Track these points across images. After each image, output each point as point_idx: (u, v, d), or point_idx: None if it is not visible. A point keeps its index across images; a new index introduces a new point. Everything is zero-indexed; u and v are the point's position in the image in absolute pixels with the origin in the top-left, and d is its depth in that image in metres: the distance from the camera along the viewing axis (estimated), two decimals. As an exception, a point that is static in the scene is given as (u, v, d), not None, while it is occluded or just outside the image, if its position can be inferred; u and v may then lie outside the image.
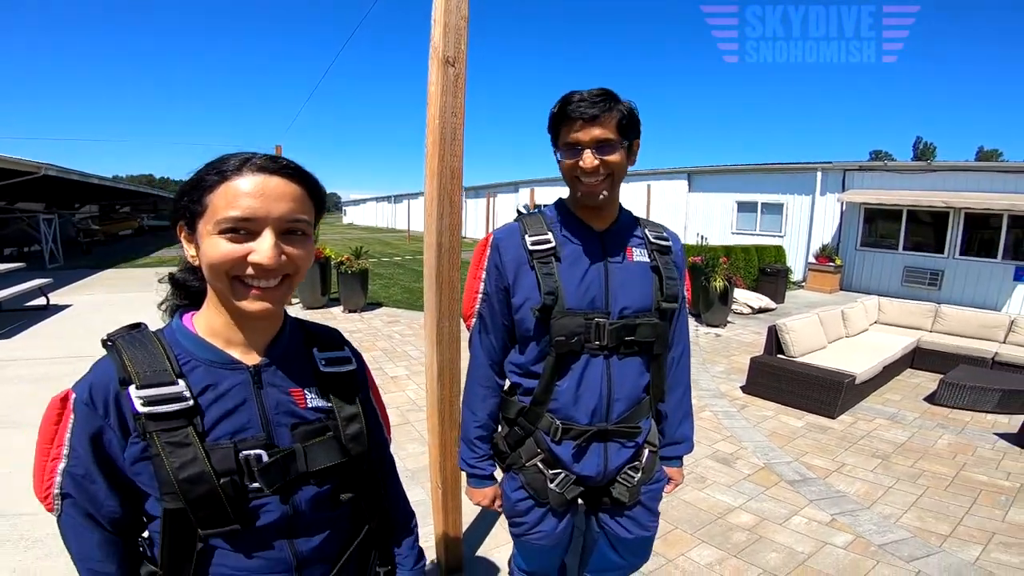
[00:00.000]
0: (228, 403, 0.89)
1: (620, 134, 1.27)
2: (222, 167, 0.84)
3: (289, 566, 0.94)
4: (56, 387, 1.16)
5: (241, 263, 0.82)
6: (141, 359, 0.86)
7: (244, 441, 0.88)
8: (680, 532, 2.93)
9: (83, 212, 24.48)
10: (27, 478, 3.16)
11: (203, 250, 0.84)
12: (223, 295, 0.87)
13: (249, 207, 0.81)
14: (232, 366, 0.91)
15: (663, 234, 1.48)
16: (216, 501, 0.84)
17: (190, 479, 0.82)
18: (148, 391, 0.83)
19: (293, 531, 0.94)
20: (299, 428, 0.93)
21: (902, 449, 4.15)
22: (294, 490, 0.92)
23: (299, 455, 0.91)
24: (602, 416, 1.40)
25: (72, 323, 7.68)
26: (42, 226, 14.79)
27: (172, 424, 0.83)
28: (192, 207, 0.85)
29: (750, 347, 7.11)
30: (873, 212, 13.15)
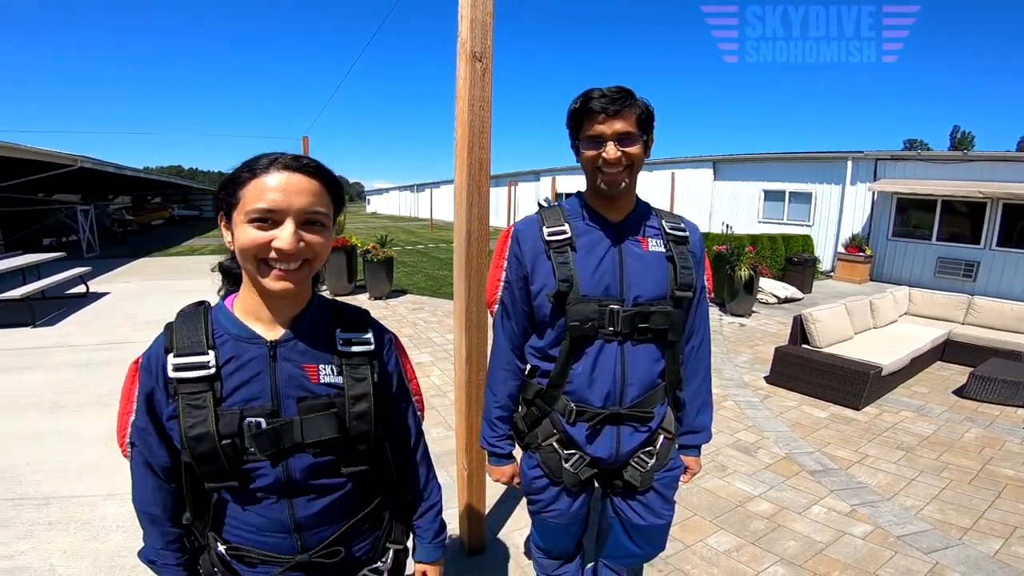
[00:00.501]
0: (245, 374, 1.00)
1: (639, 128, 1.34)
2: (254, 165, 0.96)
3: (287, 527, 1.05)
4: (99, 372, 1.22)
5: (266, 247, 0.94)
6: (185, 332, 1.00)
7: (251, 409, 0.99)
8: (699, 519, 2.97)
9: (117, 203, 25.13)
10: (78, 461, 3.38)
11: (236, 236, 0.96)
12: (251, 275, 0.98)
13: (273, 200, 0.93)
14: (254, 340, 1.02)
15: (680, 224, 1.52)
16: (216, 459, 0.96)
17: (196, 437, 0.95)
18: (180, 359, 0.97)
19: (290, 495, 1.04)
20: (305, 401, 1.02)
21: (927, 442, 4.11)
22: (286, 458, 1.01)
23: (296, 426, 1.00)
24: (615, 400, 1.45)
25: (111, 310, 7.98)
26: (79, 217, 15.28)
27: (195, 388, 0.97)
28: (228, 199, 0.97)
29: (775, 337, 7.05)
30: (906, 202, 12.81)
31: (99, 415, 4.21)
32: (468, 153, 2.13)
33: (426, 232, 25.61)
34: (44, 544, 2.66)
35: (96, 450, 3.63)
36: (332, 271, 9.04)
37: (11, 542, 2.67)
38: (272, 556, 1.06)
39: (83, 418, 4.16)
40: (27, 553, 2.59)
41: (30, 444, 3.72)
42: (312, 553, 1.07)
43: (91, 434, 3.87)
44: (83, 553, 2.60)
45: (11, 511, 2.93)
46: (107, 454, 3.56)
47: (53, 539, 2.70)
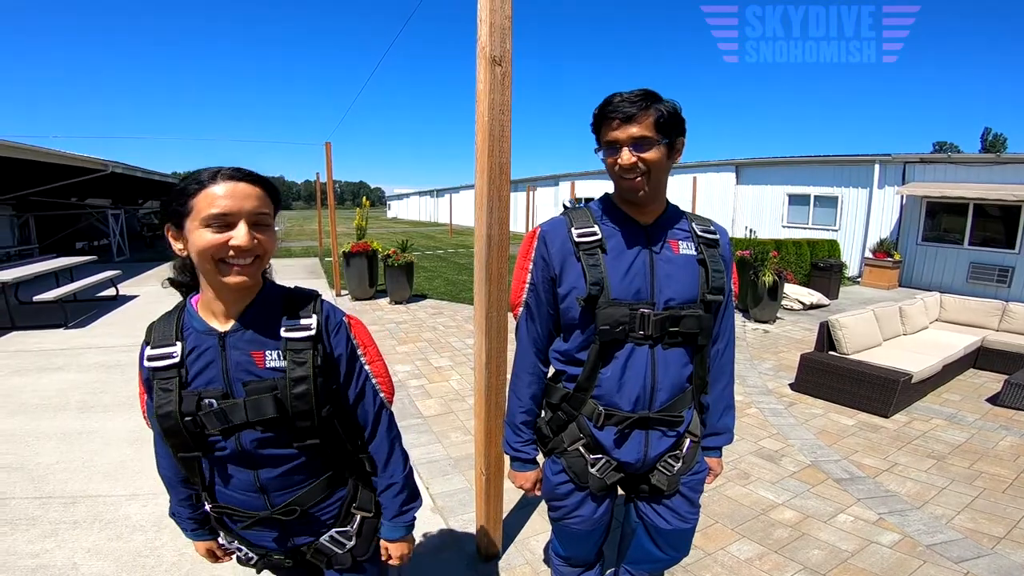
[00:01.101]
0: (202, 362, 1.16)
1: (658, 132, 1.30)
2: (199, 178, 1.09)
3: (255, 488, 1.24)
4: (128, 373, 1.23)
5: (223, 247, 1.07)
6: (161, 328, 1.20)
7: (208, 391, 1.15)
8: (720, 526, 2.91)
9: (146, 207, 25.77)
10: (104, 461, 3.44)
11: (192, 241, 1.09)
12: (209, 275, 1.12)
13: (226, 205, 1.07)
14: (209, 332, 1.18)
15: (711, 228, 1.50)
16: (179, 433, 1.14)
17: (162, 415, 1.13)
18: (154, 350, 1.17)
19: (249, 463, 1.22)
20: (250, 384, 1.16)
21: (959, 450, 3.98)
22: (236, 433, 1.17)
23: (240, 407, 1.15)
24: (645, 404, 1.43)
25: (140, 312, 8.16)
26: (110, 221, 15.72)
27: (165, 375, 1.15)
28: (180, 210, 1.09)
29: (800, 344, 6.91)
30: (936, 206, 12.49)
31: (126, 416, 4.29)
32: (488, 157, 2.13)
33: (445, 237, 25.76)
34: (69, 543, 2.71)
35: (121, 450, 3.70)
36: (354, 276, 9.13)
37: (36, 540, 2.72)
38: (245, 513, 1.25)
39: (110, 419, 4.25)
40: (52, 552, 2.63)
41: (59, 443, 3.81)
42: (273, 510, 1.24)
43: (118, 435, 3.94)
44: (106, 552, 2.64)
45: (38, 510, 2.99)
46: (132, 455, 3.63)
47: (77, 538, 2.75)
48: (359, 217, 10.06)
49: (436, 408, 4.58)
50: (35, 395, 4.73)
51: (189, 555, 2.58)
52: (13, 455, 3.62)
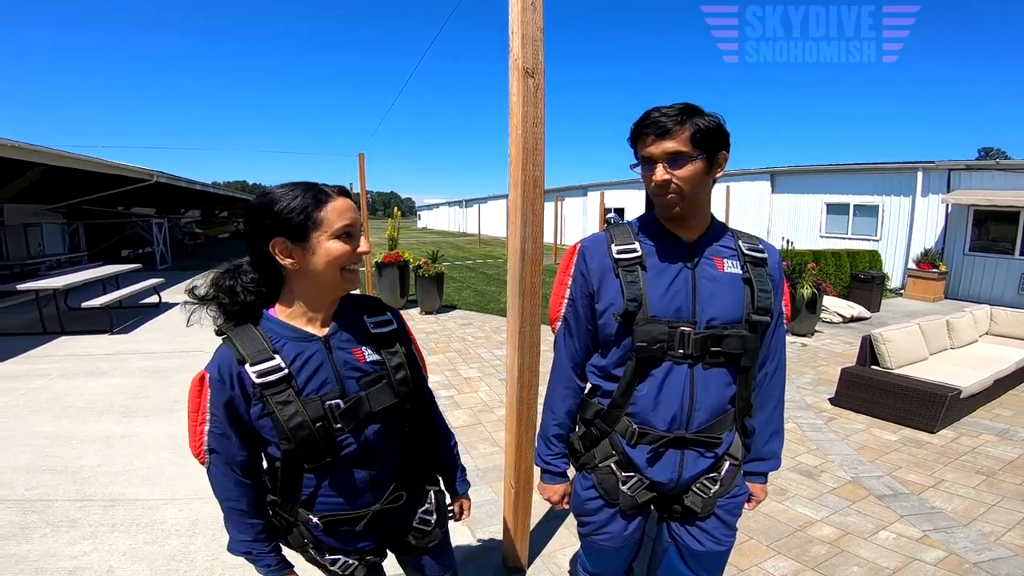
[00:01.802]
0: (312, 367, 1.20)
1: (695, 147, 1.27)
2: (319, 194, 1.17)
3: (366, 486, 1.29)
4: (168, 379, 1.22)
5: (352, 256, 1.20)
6: (247, 343, 1.18)
7: (326, 394, 1.20)
8: (755, 543, 2.83)
9: (188, 217, 26.60)
10: (143, 465, 3.53)
11: (322, 252, 1.17)
12: (332, 283, 1.21)
13: (352, 218, 1.20)
14: (309, 338, 1.22)
15: (758, 246, 1.46)
16: (314, 441, 1.17)
17: (296, 427, 1.15)
18: (258, 367, 1.15)
19: (366, 459, 1.27)
20: (362, 379, 1.25)
21: (1011, 466, 3.78)
22: (364, 427, 1.25)
23: (364, 400, 1.23)
24: (681, 424, 1.40)
25: (180, 320, 8.34)
26: (154, 229, 16.30)
27: (278, 388, 1.16)
28: (305, 224, 1.15)
29: (840, 358, 6.70)
30: (984, 214, 11.99)
31: (165, 420, 4.42)
32: (522, 171, 2.12)
33: (474, 247, 25.89)
34: (106, 545, 2.77)
35: (160, 455, 3.79)
36: (386, 286, 9.24)
37: (76, 542, 2.79)
38: (353, 514, 1.28)
39: (151, 423, 4.37)
40: (89, 554, 2.70)
41: (102, 447, 3.93)
42: (382, 501, 1.30)
43: (156, 439, 4.05)
44: (142, 556, 2.70)
45: (79, 512, 3.08)
46: (169, 459, 3.72)
47: (115, 541, 2.81)
48: (391, 228, 10.19)
49: (465, 419, 4.58)
50: (81, 398, 4.91)
51: (222, 560, 2.62)
52: (58, 457, 3.75)
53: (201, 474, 3.68)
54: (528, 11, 2.09)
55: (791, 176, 16.32)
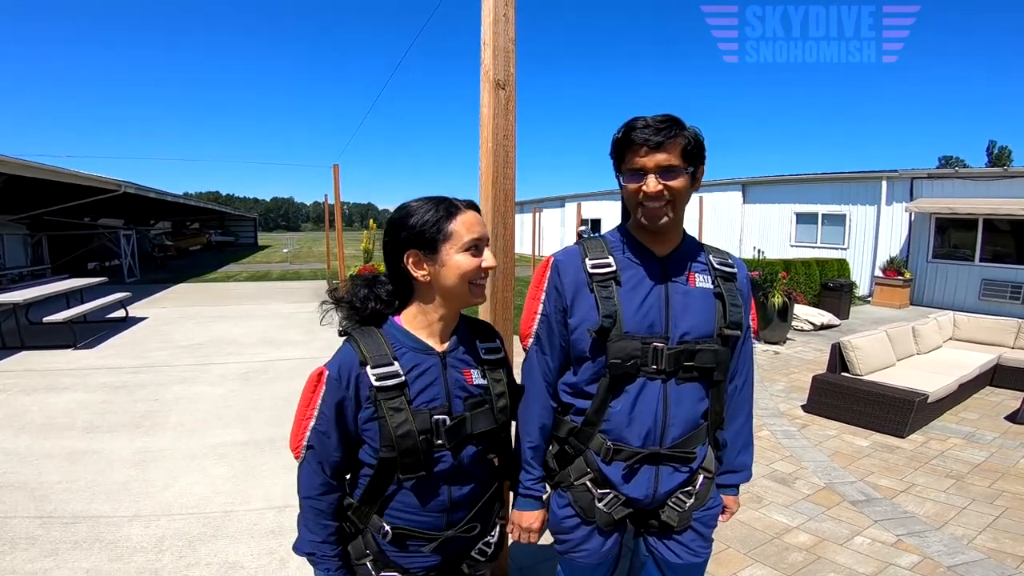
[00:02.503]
0: (426, 379, 1.23)
1: (685, 160, 1.28)
2: (450, 207, 1.21)
3: (444, 507, 1.28)
4: (135, 394, 1.17)
5: (479, 269, 1.23)
6: (371, 346, 1.21)
7: (435, 408, 1.22)
8: (733, 552, 2.83)
9: (157, 228, 26.02)
10: (107, 481, 3.42)
11: (452, 264, 1.20)
12: (461, 296, 1.25)
13: (481, 232, 1.23)
14: (429, 352, 1.26)
15: (728, 260, 1.47)
16: (416, 452, 1.17)
17: (402, 435, 1.16)
18: (379, 370, 1.18)
19: (455, 480, 1.28)
20: (469, 400, 1.27)
21: (979, 469, 3.88)
22: (462, 447, 1.25)
23: (468, 420, 1.25)
24: (656, 440, 1.38)
25: (149, 334, 8.20)
26: (122, 241, 15.88)
27: (392, 394, 1.18)
28: (436, 236, 1.19)
29: (811, 365, 6.82)
30: (945, 222, 12.41)
31: (131, 436, 4.29)
32: (493, 184, 2.09)
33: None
34: (69, 563, 2.68)
35: (125, 471, 3.68)
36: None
37: (36, 559, 2.69)
38: (424, 533, 1.27)
39: (115, 440, 4.24)
40: (51, 571, 2.61)
41: (63, 463, 3.79)
42: (456, 529, 1.30)
43: (121, 456, 3.93)
44: (106, 573, 2.61)
45: (39, 529, 2.96)
46: (135, 476, 3.61)
47: (78, 558, 2.72)
48: (366, 240, 10.12)
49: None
50: (41, 414, 4.73)
51: (190, 577, 2.55)
52: (16, 474, 3.61)
53: (169, 490, 3.58)
54: (500, 23, 2.09)
55: (762, 186, 16.67)
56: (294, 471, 1.30)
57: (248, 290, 13.97)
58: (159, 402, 5.14)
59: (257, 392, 5.49)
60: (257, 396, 5.36)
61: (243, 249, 35.81)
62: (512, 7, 2.13)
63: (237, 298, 12.33)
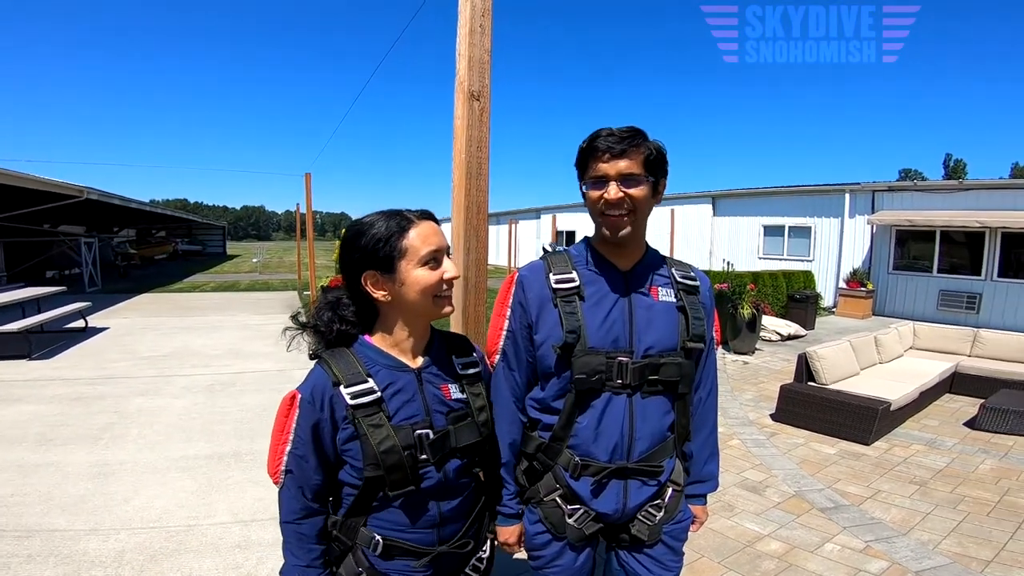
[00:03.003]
0: (404, 396, 1.21)
1: (646, 170, 1.29)
2: (402, 221, 1.18)
3: (434, 522, 1.27)
4: (92, 407, 1.12)
5: (441, 282, 1.20)
6: (342, 366, 1.19)
7: (416, 423, 1.21)
8: (707, 561, 2.85)
9: (121, 236, 25.30)
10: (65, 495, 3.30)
11: (412, 281, 1.18)
12: (426, 311, 1.22)
13: (439, 242, 1.20)
14: (403, 368, 1.24)
15: (691, 273, 1.47)
16: (402, 468, 1.16)
17: (387, 451, 1.14)
18: (352, 388, 1.16)
19: (442, 495, 1.26)
20: (451, 414, 1.26)
21: (941, 475, 3.99)
22: (446, 461, 1.24)
23: (451, 434, 1.24)
24: (623, 454, 1.38)
25: (109, 345, 7.94)
26: (83, 249, 15.37)
27: (370, 411, 1.16)
28: (391, 254, 1.17)
29: (779, 374, 6.95)
30: (905, 234, 12.85)
31: (88, 449, 4.14)
32: (465, 196, 2.08)
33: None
34: (21, 577, 2.57)
35: (82, 484, 3.56)
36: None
37: (-14, 576, 2.58)
38: (414, 548, 1.25)
39: (71, 452, 4.10)
40: (3, 588, 2.50)
41: (14, 476, 3.65)
42: (449, 544, 1.30)
43: (78, 469, 3.79)
44: (60, 592, 2.50)
45: (-11, 545, 2.83)
46: (93, 489, 3.49)
47: (31, 571, 2.63)
48: (337, 250, 9.98)
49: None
50: (-8, 429, 4.52)
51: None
52: (-38, 488, 3.45)
53: (129, 504, 3.46)
54: (476, 34, 2.09)
55: (731, 199, 17.02)
56: (261, 485, 1.27)
57: (215, 301, 13.64)
58: (119, 414, 4.97)
59: (223, 404, 5.35)
60: (223, 408, 5.22)
61: (211, 258, 35.09)
62: (488, 19, 2.13)
63: (203, 309, 12.03)
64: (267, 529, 3.05)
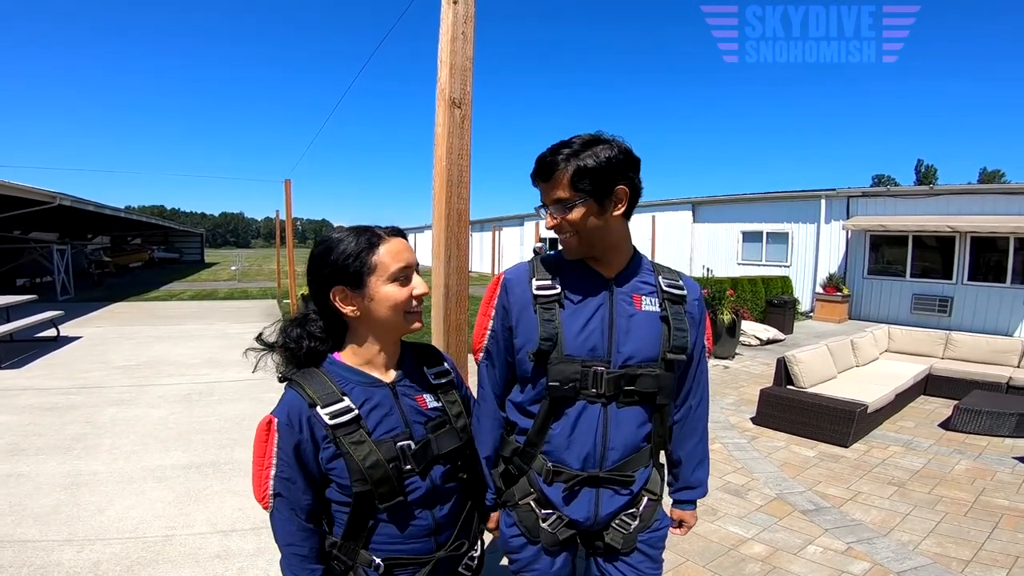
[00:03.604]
0: (381, 411, 1.22)
1: (576, 190, 1.26)
2: (372, 237, 1.19)
3: (430, 530, 1.28)
4: (64, 416, 1.08)
5: (410, 298, 1.21)
6: (316, 386, 1.19)
7: (397, 436, 1.22)
8: (691, 565, 2.86)
9: (95, 243, 24.76)
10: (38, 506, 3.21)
11: (381, 297, 1.18)
12: (396, 327, 1.24)
13: (407, 259, 1.20)
14: (377, 384, 1.25)
15: (678, 282, 1.45)
16: (389, 480, 1.17)
17: (372, 466, 1.15)
18: (330, 408, 1.16)
19: (432, 502, 1.28)
20: (429, 423, 1.27)
21: (918, 476, 4.07)
22: (430, 469, 1.26)
23: (432, 442, 1.25)
24: (595, 463, 1.38)
25: (81, 354, 7.75)
26: (55, 257, 15.00)
27: (350, 430, 1.17)
28: (360, 270, 1.17)
29: (759, 378, 7.03)
30: (879, 239, 13.13)
31: (60, 459, 4.05)
32: (446, 204, 2.07)
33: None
34: (-9, 592, 2.50)
35: (55, 495, 3.47)
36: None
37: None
38: (414, 559, 1.27)
39: (44, 463, 4.00)
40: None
41: (-16, 489, 3.53)
42: (446, 549, 1.31)
43: (51, 479, 3.70)
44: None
45: (-42, 559, 2.73)
46: (66, 499, 3.40)
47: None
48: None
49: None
50: (-42, 441, 4.37)
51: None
52: (-71, 502, 3.33)
53: (103, 514, 3.38)
54: (458, 41, 2.09)
55: (711, 206, 17.23)
56: (241, 495, 1.26)
57: (193, 309, 13.41)
58: (92, 424, 4.85)
59: (201, 414, 5.24)
60: (201, 418, 5.11)
61: (188, 266, 34.48)
62: (471, 26, 2.13)
63: (180, 317, 11.79)
64: (247, 539, 2.99)
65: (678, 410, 1.53)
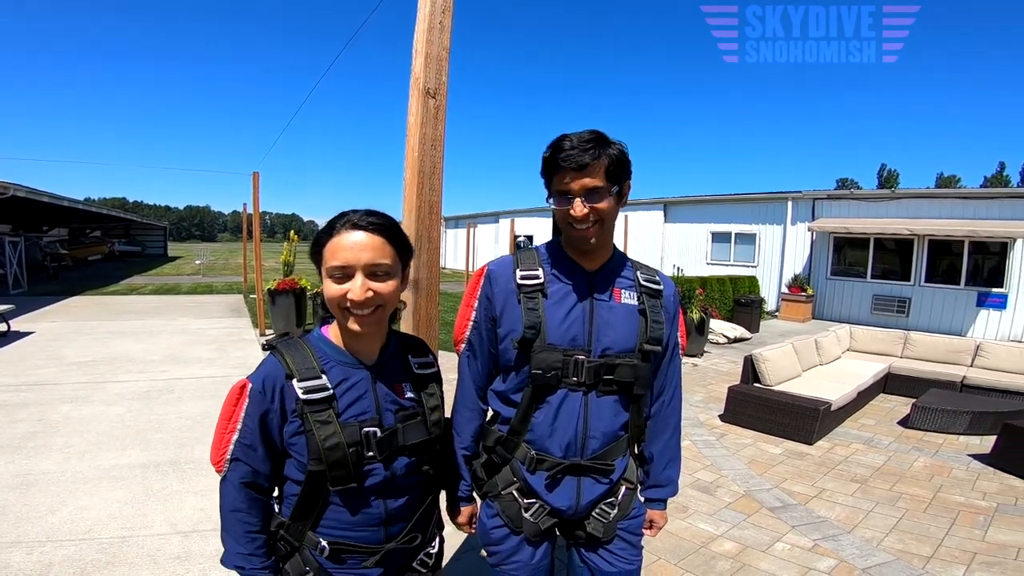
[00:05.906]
0: (355, 393, 1.22)
1: (609, 180, 1.29)
2: (331, 226, 1.18)
3: (380, 520, 1.26)
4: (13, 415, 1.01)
5: (344, 298, 1.15)
6: (297, 359, 1.19)
7: (364, 421, 1.21)
8: (663, 563, 2.87)
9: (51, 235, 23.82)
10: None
11: (325, 286, 1.19)
12: (338, 319, 1.22)
13: (344, 258, 1.15)
14: (357, 366, 1.24)
15: (655, 278, 1.50)
16: (345, 464, 1.16)
17: (331, 447, 1.14)
18: (305, 383, 1.16)
19: (388, 492, 1.26)
20: (400, 412, 1.27)
21: (880, 473, 4.17)
22: (393, 459, 1.25)
23: (399, 432, 1.25)
24: (577, 451, 1.41)
25: (33, 350, 7.41)
26: (7, 249, 14.38)
27: (320, 407, 1.16)
28: (318, 255, 1.19)
29: (727, 376, 7.15)
30: (842, 241, 13.50)
31: (9, 459, 3.87)
32: (417, 196, 2.03)
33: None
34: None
35: (3, 495, 3.33)
36: (280, 315, 8.64)
37: None
38: (362, 547, 1.25)
39: (-9, 467, 3.79)
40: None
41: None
42: (397, 541, 1.29)
43: (-1, 481, 3.52)
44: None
45: None
46: (14, 499, 3.26)
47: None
48: (286, 252, 9.63)
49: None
50: None
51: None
52: None
53: (55, 515, 3.24)
54: (435, 30, 2.05)
55: (682, 206, 17.47)
56: (203, 494, 1.20)
57: (154, 304, 12.99)
58: (43, 423, 4.64)
59: (160, 412, 5.06)
60: (160, 416, 4.94)
61: (151, 260, 33.49)
62: (449, 16, 2.09)
63: (141, 312, 11.41)
64: (209, 541, 2.88)
65: (652, 405, 1.55)
